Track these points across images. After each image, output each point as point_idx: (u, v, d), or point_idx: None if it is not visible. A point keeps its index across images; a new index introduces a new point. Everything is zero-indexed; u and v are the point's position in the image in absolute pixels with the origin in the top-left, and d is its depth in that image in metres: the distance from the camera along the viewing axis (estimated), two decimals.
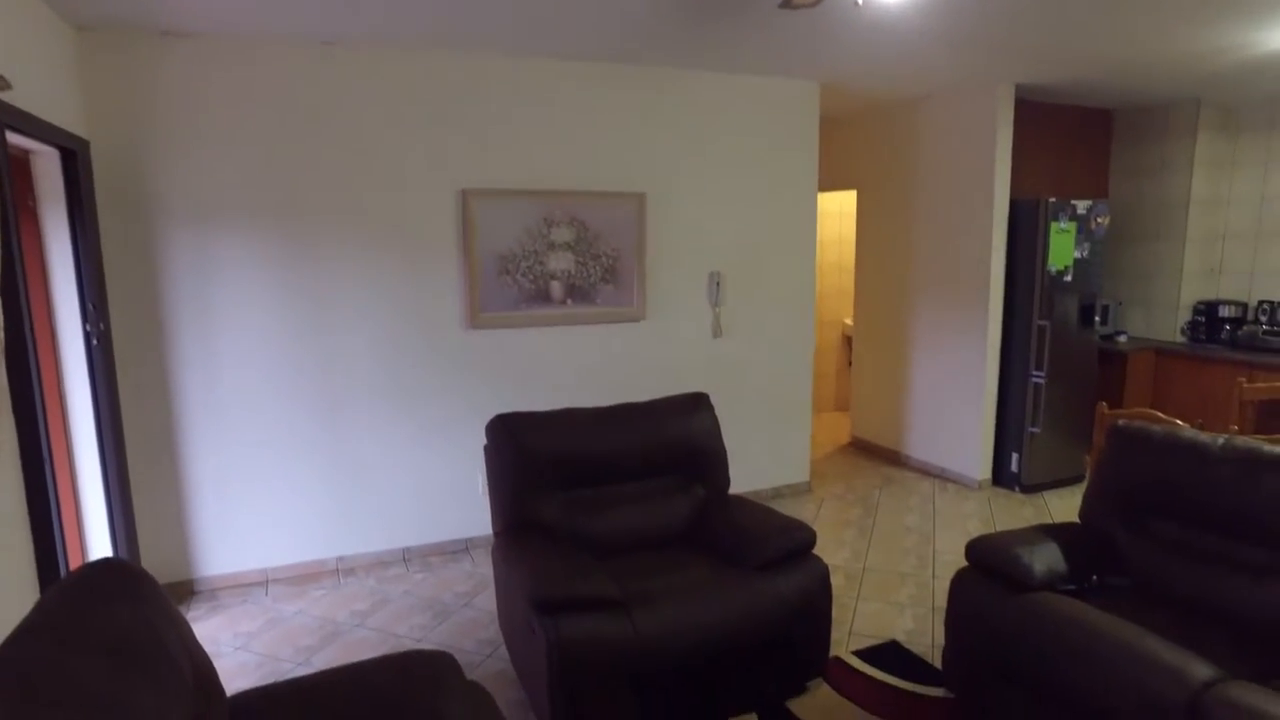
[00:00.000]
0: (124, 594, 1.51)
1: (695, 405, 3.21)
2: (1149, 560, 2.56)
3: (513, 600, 2.62)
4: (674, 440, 3.10)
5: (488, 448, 3.00)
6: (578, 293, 4.17)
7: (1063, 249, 4.71)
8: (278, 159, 3.55)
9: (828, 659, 2.83)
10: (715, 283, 4.53)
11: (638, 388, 4.28)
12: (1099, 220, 4.80)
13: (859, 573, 3.77)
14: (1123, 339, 5.48)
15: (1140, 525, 2.63)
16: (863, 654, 3.00)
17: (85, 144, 3.17)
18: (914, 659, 2.97)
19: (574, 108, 4.06)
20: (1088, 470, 4.79)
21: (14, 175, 2.67)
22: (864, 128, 5.71)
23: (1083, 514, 2.81)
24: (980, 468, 4.99)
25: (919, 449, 5.45)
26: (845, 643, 3.10)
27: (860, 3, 2.81)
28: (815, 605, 2.67)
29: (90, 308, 3.13)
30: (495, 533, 2.95)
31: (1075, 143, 5.47)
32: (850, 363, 6.39)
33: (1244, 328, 5.11)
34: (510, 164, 3.96)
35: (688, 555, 2.86)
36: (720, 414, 3.36)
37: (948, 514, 4.57)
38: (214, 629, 3.30)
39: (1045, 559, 2.47)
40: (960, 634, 2.61)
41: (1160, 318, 5.55)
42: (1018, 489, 4.92)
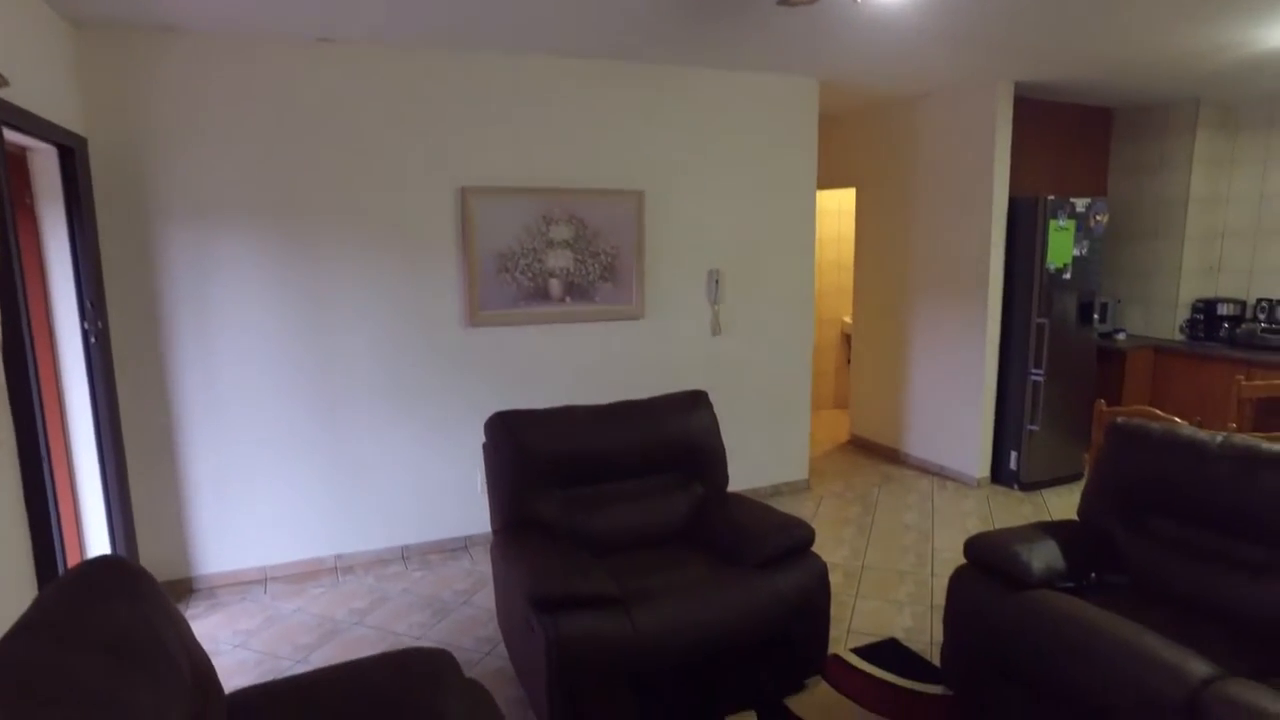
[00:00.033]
0: (122, 592, 1.50)
1: (694, 403, 3.21)
2: (1147, 558, 2.56)
3: (511, 598, 2.62)
4: (673, 438, 3.10)
5: (486, 445, 2.99)
6: (577, 291, 4.17)
7: (1062, 247, 4.71)
8: (276, 156, 3.55)
9: (826, 657, 2.83)
10: (714, 280, 4.53)
11: (636, 385, 4.28)
12: (1098, 218, 4.80)
13: (858, 570, 3.77)
14: (1121, 337, 5.48)
15: (1139, 523, 2.64)
16: (861, 651, 3.00)
17: (83, 141, 3.16)
18: (913, 656, 2.97)
19: (573, 105, 4.05)
20: (1086, 468, 4.79)
21: (11, 172, 2.67)
22: (863, 125, 5.71)
23: (1081, 511, 2.82)
24: (979, 465, 5.00)
25: (918, 447, 5.46)
26: (844, 640, 3.10)
27: (859, 0, 2.81)
28: (814, 603, 2.67)
29: (88, 306, 3.13)
30: (494, 530, 2.95)
31: (1074, 140, 5.46)
32: (849, 360, 6.40)
33: (1242, 326, 5.12)
34: (509, 162, 3.96)
35: (686, 553, 2.86)
36: (719, 412, 3.36)
37: (946, 512, 4.57)
38: (213, 627, 3.30)
39: (1044, 556, 2.48)
40: (959, 631, 2.62)
41: (1159, 316, 5.55)
42: (1016, 487, 4.93)
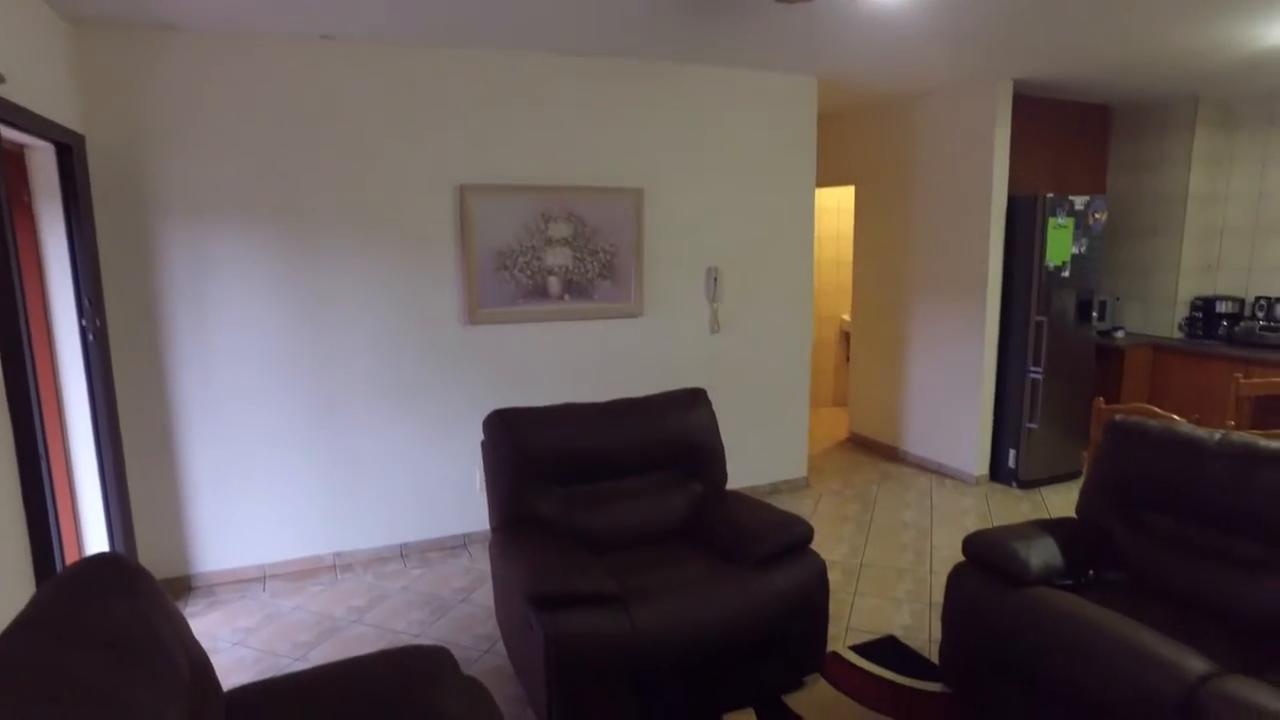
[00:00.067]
0: (120, 589, 1.50)
1: (693, 401, 3.21)
2: (1145, 555, 2.56)
3: (510, 596, 2.62)
4: (672, 436, 3.10)
5: (485, 443, 2.99)
6: (575, 288, 4.16)
7: (1060, 244, 4.71)
8: (275, 154, 3.54)
9: (825, 654, 2.83)
10: (713, 278, 4.53)
11: (635, 383, 4.28)
12: (1097, 216, 4.80)
13: (856, 568, 3.78)
14: (1120, 334, 5.49)
15: (1137, 520, 2.64)
16: (860, 649, 3.00)
17: (81, 139, 3.15)
18: (911, 654, 2.98)
19: (572, 103, 4.05)
20: (1084, 466, 4.79)
21: (9, 170, 2.66)
22: (862, 122, 5.70)
23: (1079, 509, 2.82)
24: (978, 463, 5.00)
25: (916, 444, 5.46)
26: (843, 638, 3.11)
27: None
28: (812, 601, 2.67)
29: (86, 303, 3.12)
30: (493, 528, 2.95)
31: (1073, 138, 5.46)
32: (848, 358, 6.40)
33: (1241, 323, 5.12)
34: (508, 159, 3.96)
35: (685, 551, 2.86)
36: (718, 409, 3.36)
37: (945, 509, 4.58)
38: (211, 625, 3.30)
39: (1042, 554, 2.48)
40: (957, 629, 2.62)
41: (1157, 313, 5.56)
42: (1015, 484, 4.93)
